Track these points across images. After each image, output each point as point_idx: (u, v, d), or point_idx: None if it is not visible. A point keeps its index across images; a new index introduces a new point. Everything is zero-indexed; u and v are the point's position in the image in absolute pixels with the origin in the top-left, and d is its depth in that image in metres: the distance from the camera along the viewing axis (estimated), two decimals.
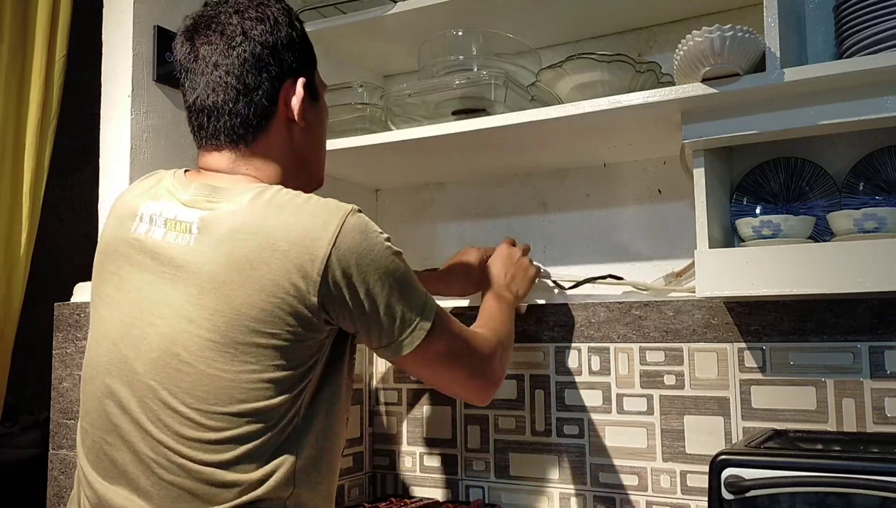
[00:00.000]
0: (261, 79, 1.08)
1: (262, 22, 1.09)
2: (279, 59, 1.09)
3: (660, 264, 1.60)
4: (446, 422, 1.78)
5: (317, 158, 1.20)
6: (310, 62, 1.16)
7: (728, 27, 1.19)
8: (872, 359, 1.38)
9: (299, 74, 1.12)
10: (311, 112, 1.14)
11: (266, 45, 1.08)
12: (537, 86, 1.49)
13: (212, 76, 1.07)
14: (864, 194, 1.40)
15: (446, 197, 1.87)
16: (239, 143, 1.09)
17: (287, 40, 1.10)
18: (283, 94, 1.10)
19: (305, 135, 1.14)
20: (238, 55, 1.07)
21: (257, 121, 1.08)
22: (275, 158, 1.11)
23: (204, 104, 1.08)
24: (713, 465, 1.10)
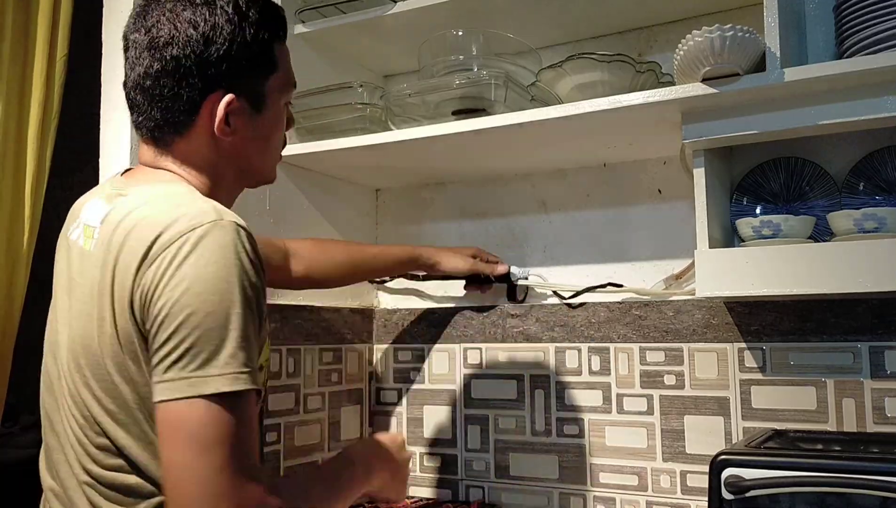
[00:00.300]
0: (179, 88, 0.98)
1: (195, 26, 0.97)
2: (205, 71, 0.98)
3: (660, 264, 1.60)
4: (446, 422, 1.78)
5: (259, 161, 1.08)
6: (255, 70, 1.02)
7: (728, 27, 1.18)
8: (872, 359, 1.38)
9: (231, 88, 0.99)
10: (249, 124, 1.03)
11: (192, 55, 0.97)
12: (537, 86, 1.49)
13: (133, 72, 1.00)
14: (864, 193, 1.40)
15: (446, 197, 1.87)
16: (158, 142, 1.02)
17: (223, 51, 0.98)
18: (208, 105, 0.99)
19: (238, 145, 1.03)
20: (158, 60, 0.97)
21: (174, 128, 1.00)
22: (196, 162, 1.02)
23: (128, 94, 1.02)
24: (713, 465, 1.10)
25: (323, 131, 1.63)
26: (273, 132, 1.09)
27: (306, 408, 1.67)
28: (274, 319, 1.59)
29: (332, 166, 1.73)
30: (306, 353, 1.67)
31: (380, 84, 1.83)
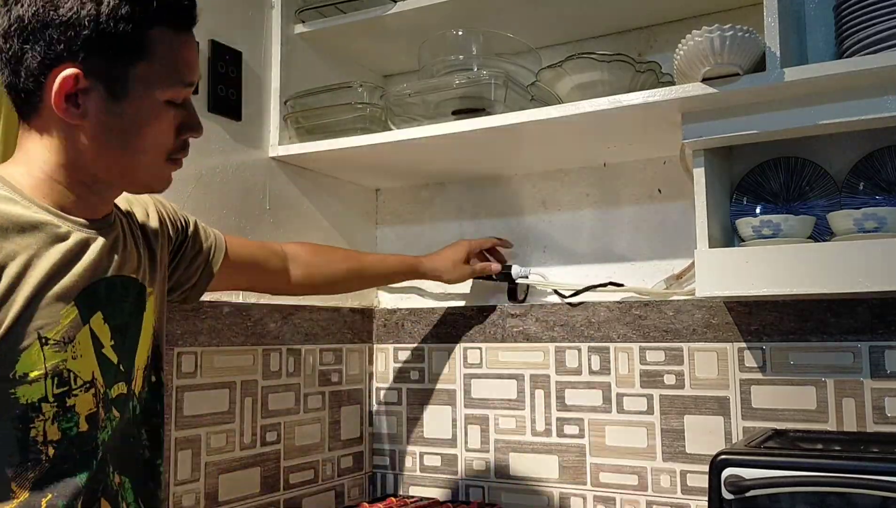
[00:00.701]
0: (23, 52, 0.91)
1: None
2: (50, 36, 0.90)
3: (660, 264, 1.60)
4: (446, 422, 1.78)
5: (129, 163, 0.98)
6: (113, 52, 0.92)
7: (728, 27, 1.18)
8: (872, 359, 1.38)
9: (77, 63, 0.90)
10: (104, 111, 0.93)
11: (37, 15, 0.90)
12: (537, 86, 1.49)
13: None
14: (864, 193, 1.40)
15: (446, 197, 1.87)
16: (21, 116, 0.96)
17: (70, 18, 0.89)
18: (51, 80, 0.91)
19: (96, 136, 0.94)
20: (7, 15, 0.92)
21: (25, 97, 0.93)
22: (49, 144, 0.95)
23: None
24: (713, 465, 1.10)
25: (323, 131, 1.63)
26: (139, 128, 0.96)
27: (306, 408, 1.67)
28: (274, 319, 1.59)
29: (332, 166, 1.73)
30: (306, 353, 1.67)
31: (380, 84, 1.83)
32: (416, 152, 1.60)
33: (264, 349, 1.57)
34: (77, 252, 0.94)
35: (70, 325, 0.92)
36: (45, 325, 0.89)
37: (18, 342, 0.87)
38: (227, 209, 1.49)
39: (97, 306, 0.96)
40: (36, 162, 0.95)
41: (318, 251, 1.51)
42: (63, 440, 0.91)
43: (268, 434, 1.57)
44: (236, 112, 1.61)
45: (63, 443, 0.91)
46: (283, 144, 1.63)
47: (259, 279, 1.39)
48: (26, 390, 0.88)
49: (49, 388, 0.90)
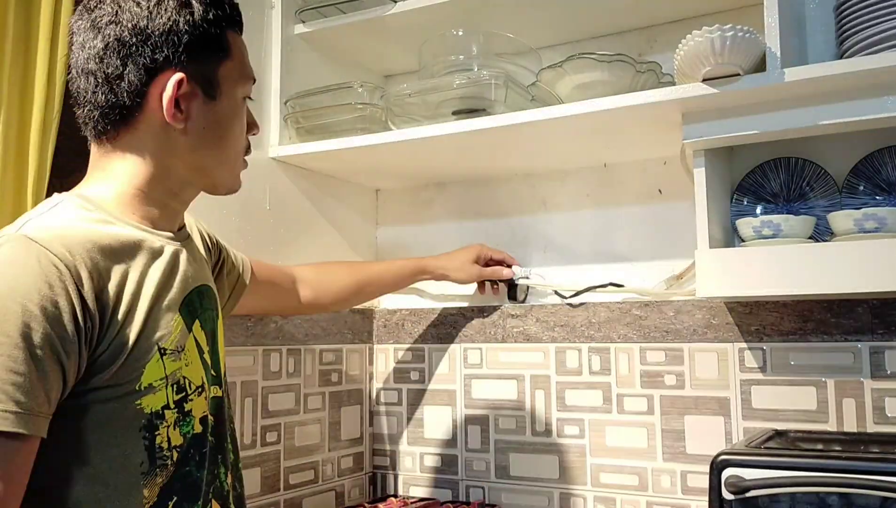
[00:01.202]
0: (125, 68, 0.93)
1: (138, 3, 0.94)
2: (152, 47, 0.93)
3: (660, 265, 1.60)
4: (446, 422, 1.78)
5: (216, 161, 1.01)
6: (205, 53, 0.97)
7: (728, 27, 1.18)
8: (872, 359, 1.38)
9: (180, 67, 0.94)
10: (202, 112, 0.97)
11: (136, 29, 0.93)
12: (537, 86, 1.49)
13: (78, 58, 0.96)
14: (864, 193, 1.40)
15: (446, 197, 1.87)
16: (101, 137, 0.97)
17: (170, 26, 0.93)
18: (156, 89, 0.94)
19: (192, 136, 0.97)
20: (102, 39, 0.93)
21: (119, 115, 0.95)
22: (140, 158, 0.97)
23: (75, 87, 0.97)
24: (713, 465, 1.10)
25: (323, 131, 1.63)
26: (230, 126, 1.01)
27: (306, 408, 1.67)
28: (274, 319, 1.59)
29: (332, 166, 1.73)
30: (306, 353, 1.67)
31: (380, 84, 1.83)
32: (416, 152, 1.60)
33: (264, 349, 1.57)
34: (173, 265, 0.98)
35: (180, 334, 0.96)
36: (163, 336, 0.93)
37: (142, 356, 0.90)
38: (227, 210, 1.49)
39: (195, 314, 1.00)
40: (121, 179, 0.97)
41: (324, 269, 1.53)
42: (184, 443, 0.95)
43: (268, 435, 1.57)
44: None
45: (184, 447, 0.95)
46: (283, 144, 1.63)
47: (273, 300, 1.42)
48: (151, 399, 0.91)
49: (170, 395, 0.94)
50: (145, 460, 0.90)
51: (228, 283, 1.26)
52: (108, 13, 0.94)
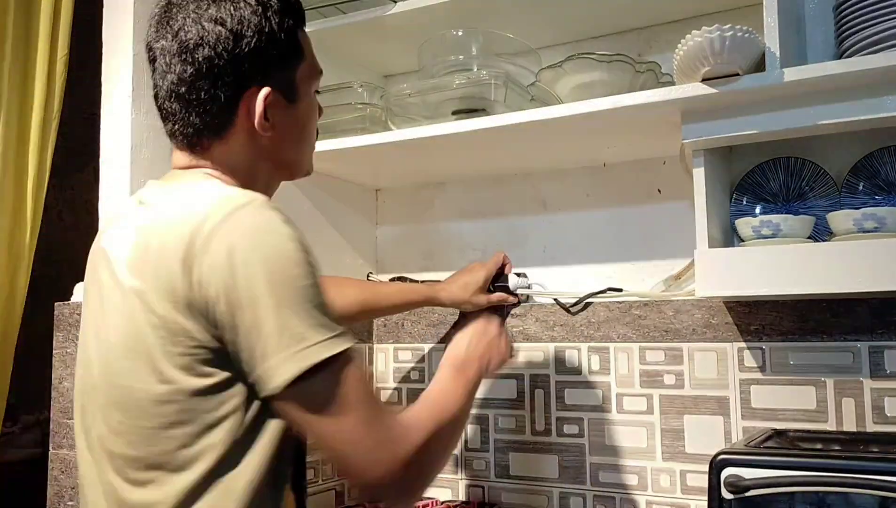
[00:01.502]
0: (215, 91, 0.96)
1: (223, 23, 0.96)
2: (239, 67, 0.96)
3: (659, 264, 1.60)
4: None
5: (296, 153, 1.08)
6: (285, 61, 1.02)
7: (728, 27, 1.19)
8: (872, 359, 1.38)
9: (265, 81, 0.98)
10: (285, 116, 1.02)
11: (224, 53, 0.96)
12: (537, 86, 1.49)
13: (166, 80, 0.98)
14: (863, 193, 1.40)
15: (446, 197, 1.87)
16: (195, 148, 1.00)
17: (253, 44, 0.97)
18: (245, 103, 0.98)
19: (276, 139, 1.02)
20: (191, 63, 0.96)
21: (212, 132, 0.99)
22: (233, 163, 1.01)
23: (161, 105, 1.01)
24: (713, 465, 1.10)
25: (323, 131, 1.62)
26: (308, 122, 1.09)
27: None
28: None
29: (332, 166, 1.73)
30: None
31: (380, 84, 1.83)
32: (416, 152, 1.60)
33: None
34: None
35: None
36: None
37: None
38: None
39: None
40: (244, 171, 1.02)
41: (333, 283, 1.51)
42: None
43: None
44: None
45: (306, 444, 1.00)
46: None
47: None
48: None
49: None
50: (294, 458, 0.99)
51: None
52: (193, 37, 0.96)
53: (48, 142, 1.62)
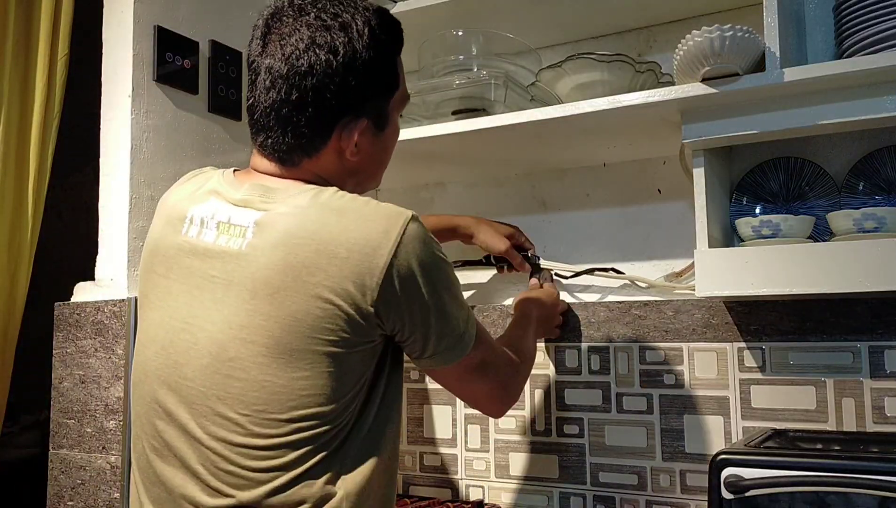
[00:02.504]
0: (316, 117, 1.00)
1: (335, 52, 0.98)
2: (342, 96, 1.00)
3: (659, 264, 1.60)
4: (446, 422, 1.78)
5: (376, 170, 1.14)
6: (384, 90, 1.07)
7: (728, 27, 1.19)
8: (872, 359, 1.38)
9: (362, 111, 1.03)
10: (373, 144, 1.07)
11: (330, 84, 0.99)
12: (537, 86, 1.49)
13: (267, 95, 1.01)
14: (863, 193, 1.40)
15: (446, 197, 1.87)
16: (284, 161, 1.04)
17: (358, 72, 1.00)
18: (339, 129, 1.02)
19: (361, 162, 1.07)
20: (297, 88, 0.99)
21: (304, 151, 1.03)
22: (323, 174, 1.05)
23: (256, 116, 1.03)
24: (713, 464, 1.10)
25: None
26: (390, 146, 1.13)
27: None
28: None
29: None
30: None
31: None
32: (416, 152, 1.60)
33: None
34: None
35: None
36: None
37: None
38: None
39: None
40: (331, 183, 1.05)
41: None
42: None
43: None
44: (236, 112, 1.61)
45: None
46: None
47: None
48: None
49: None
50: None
51: None
52: (304, 64, 0.98)
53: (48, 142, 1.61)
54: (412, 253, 0.97)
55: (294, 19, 1.00)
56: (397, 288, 0.97)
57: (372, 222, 0.97)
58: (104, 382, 1.41)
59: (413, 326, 1.01)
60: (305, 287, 0.94)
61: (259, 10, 1.63)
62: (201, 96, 1.55)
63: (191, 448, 0.98)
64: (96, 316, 1.43)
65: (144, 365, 1.05)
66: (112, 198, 1.46)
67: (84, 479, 1.42)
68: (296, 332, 0.94)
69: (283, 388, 0.95)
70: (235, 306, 0.97)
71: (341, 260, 0.94)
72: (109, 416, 1.40)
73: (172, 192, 1.13)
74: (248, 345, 0.95)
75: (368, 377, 1.02)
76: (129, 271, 1.43)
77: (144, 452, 1.04)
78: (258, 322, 0.95)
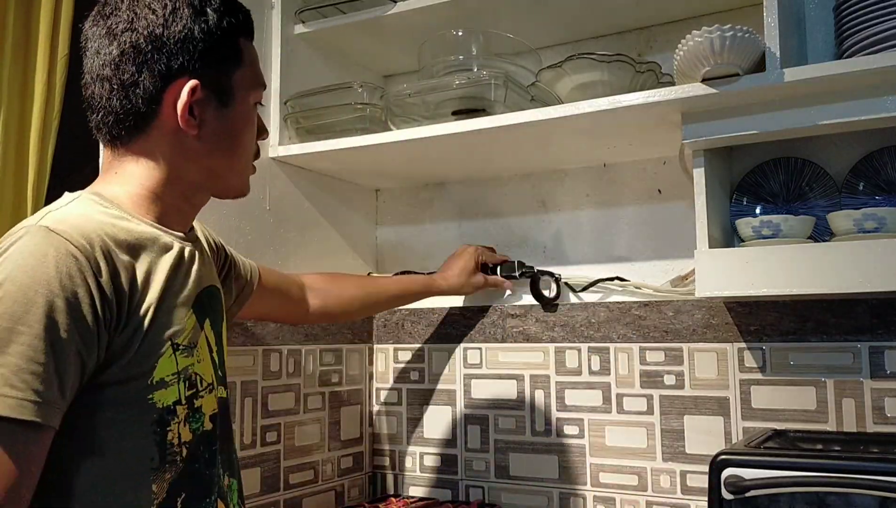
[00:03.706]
0: (140, 75, 0.94)
1: (155, 11, 0.95)
2: (168, 54, 0.94)
3: (660, 265, 1.60)
4: (446, 422, 1.78)
5: (227, 166, 1.03)
6: (219, 61, 0.99)
7: (728, 27, 1.18)
8: (872, 359, 1.38)
9: (195, 75, 0.96)
10: (215, 119, 0.99)
11: (152, 37, 0.94)
12: (537, 86, 1.49)
13: (93, 64, 0.96)
14: (863, 193, 1.40)
15: (446, 197, 1.87)
16: (115, 142, 0.98)
17: (185, 34, 0.95)
18: (170, 95, 0.95)
19: (206, 143, 0.99)
20: (118, 45, 0.94)
21: (133, 121, 0.96)
22: (153, 162, 0.98)
23: (89, 94, 0.98)
24: (713, 465, 1.10)
25: (323, 131, 1.63)
26: (242, 132, 1.03)
27: (306, 408, 1.67)
28: None
29: (332, 166, 1.73)
30: (306, 353, 1.67)
31: (380, 84, 1.83)
32: (416, 152, 1.60)
33: (264, 349, 1.57)
34: (184, 263, 0.99)
35: (193, 331, 0.97)
36: (176, 332, 0.94)
37: (155, 350, 0.91)
38: (227, 210, 1.49)
39: (206, 313, 1.01)
40: (135, 181, 0.98)
41: (334, 280, 1.52)
42: (193, 440, 0.96)
43: (268, 435, 1.57)
44: None
45: (193, 443, 0.96)
46: (283, 144, 1.63)
47: (280, 308, 1.41)
48: (163, 394, 0.92)
49: (182, 391, 0.94)
50: (155, 455, 0.90)
51: (236, 287, 1.26)
52: (123, 20, 0.95)
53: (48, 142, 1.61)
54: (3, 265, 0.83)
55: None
56: None
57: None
58: None
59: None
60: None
61: (260, 9, 1.64)
62: None
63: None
64: None
65: None
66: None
67: None
68: None
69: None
70: None
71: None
72: None
73: None
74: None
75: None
76: None
77: None
78: None
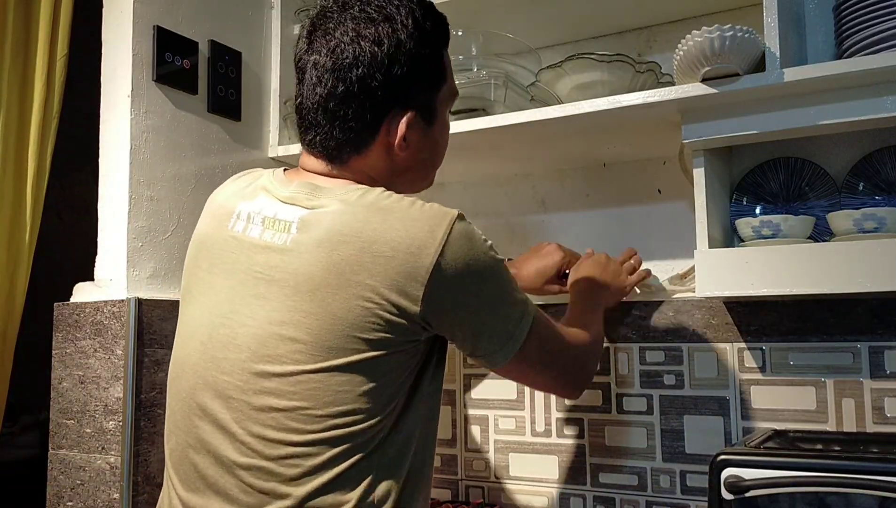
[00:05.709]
0: (363, 110, 1.01)
1: (380, 43, 0.99)
2: (388, 87, 1.00)
3: (660, 265, 1.60)
4: (446, 422, 1.78)
5: (427, 168, 1.13)
6: (431, 83, 1.06)
7: (728, 27, 1.19)
8: (872, 359, 1.38)
9: (409, 104, 1.02)
10: (421, 138, 1.06)
11: (376, 74, 0.99)
12: (537, 86, 1.49)
13: (314, 91, 1.02)
14: (863, 193, 1.40)
15: (446, 197, 1.87)
16: (333, 159, 1.04)
17: (406, 69, 1.00)
18: (387, 123, 1.02)
19: (410, 158, 1.06)
20: (343, 80, 0.99)
21: (352, 147, 1.03)
22: (370, 176, 1.05)
23: (304, 114, 1.04)
24: (713, 465, 1.10)
25: None
26: (440, 142, 1.12)
27: None
28: None
29: None
30: None
31: None
32: None
33: None
34: None
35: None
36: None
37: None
38: None
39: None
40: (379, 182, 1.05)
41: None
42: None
43: None
44: (236, 112, 1.61)
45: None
46: (282, 144, 1.63)
47: None
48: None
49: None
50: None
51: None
52: (349, 56, 0.99)
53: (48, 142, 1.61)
54: (459, 252, 0.96)
55: (338, 14, 1.02)
56: (444, 289, 0.95)
57: (417, 221, 0.96)
58: (103, 382, 1.40)
59: (460, 327, 1.01)
60: (348, 286, 0.93)
61: (259, 9, 1.64)
62: (200, 97, 1.55)
63: (228, 445, 0.97)
64: (96, 316, 1.43)
65: (182, 360, 1.04)
66: (111, 198, 1.46)
67: (83, 480, 1.41)
68: (336, 330, 0.93)
69: (321, 385, 0.94)
70: (277, 302, 0.96)
71: (385, 259, 0.93)
72: (109, 416, 1.39)
73: (222, 189, 1.13)
74: (286, 341, 0.95)
75: (410, 379, 1.00)
76: (128, 272, 1.43)
77: (179, 447, 1.03)
78: (298, 319, 0.94)
